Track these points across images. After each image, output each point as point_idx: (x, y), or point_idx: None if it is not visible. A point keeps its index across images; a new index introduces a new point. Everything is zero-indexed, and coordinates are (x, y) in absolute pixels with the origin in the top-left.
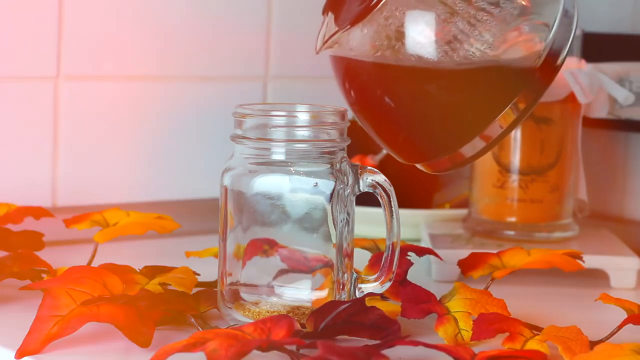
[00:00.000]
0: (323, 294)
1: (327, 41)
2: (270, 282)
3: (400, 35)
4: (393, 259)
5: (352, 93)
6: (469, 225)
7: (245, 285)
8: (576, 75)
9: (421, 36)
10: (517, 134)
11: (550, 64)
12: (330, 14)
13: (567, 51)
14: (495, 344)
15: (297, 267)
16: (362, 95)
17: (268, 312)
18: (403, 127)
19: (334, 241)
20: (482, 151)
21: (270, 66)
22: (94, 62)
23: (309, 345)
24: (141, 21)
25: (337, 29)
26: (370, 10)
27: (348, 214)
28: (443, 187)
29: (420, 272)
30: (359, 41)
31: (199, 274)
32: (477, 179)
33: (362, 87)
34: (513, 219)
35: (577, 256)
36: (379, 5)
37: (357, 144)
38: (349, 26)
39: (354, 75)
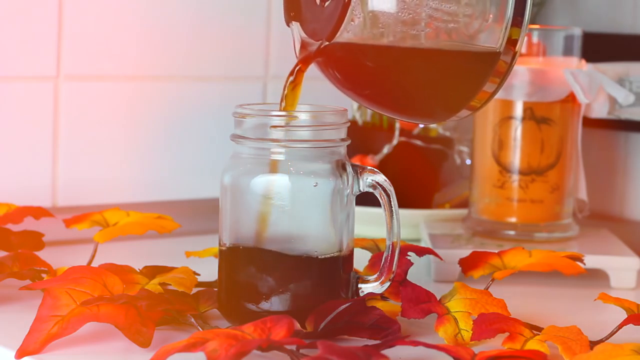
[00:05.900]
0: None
1: (307, 60)
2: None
3: (374, 22)
4: (393, 259)
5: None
6: (469, 225)
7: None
8: (576, 75)
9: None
10: (517, 134)
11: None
12: (294, 23)
13: (526, 28)
14: (495, 344)
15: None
16: (371, 81)
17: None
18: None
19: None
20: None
21: (270, 66)
22: (94, 62)
23: (309, 345)
24: (141, 21)
25: (315, 46)
26: (338, 26)
27: (348, 214)
28: (443, 187)
29: (420, 272)
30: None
31: (199, 274)
32: (477, 179)
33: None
34: (513, 219)
35: (578, 259)
36: (346, 16)
37: (357, 144)
38: (326, 42)
39: (345, 64)
